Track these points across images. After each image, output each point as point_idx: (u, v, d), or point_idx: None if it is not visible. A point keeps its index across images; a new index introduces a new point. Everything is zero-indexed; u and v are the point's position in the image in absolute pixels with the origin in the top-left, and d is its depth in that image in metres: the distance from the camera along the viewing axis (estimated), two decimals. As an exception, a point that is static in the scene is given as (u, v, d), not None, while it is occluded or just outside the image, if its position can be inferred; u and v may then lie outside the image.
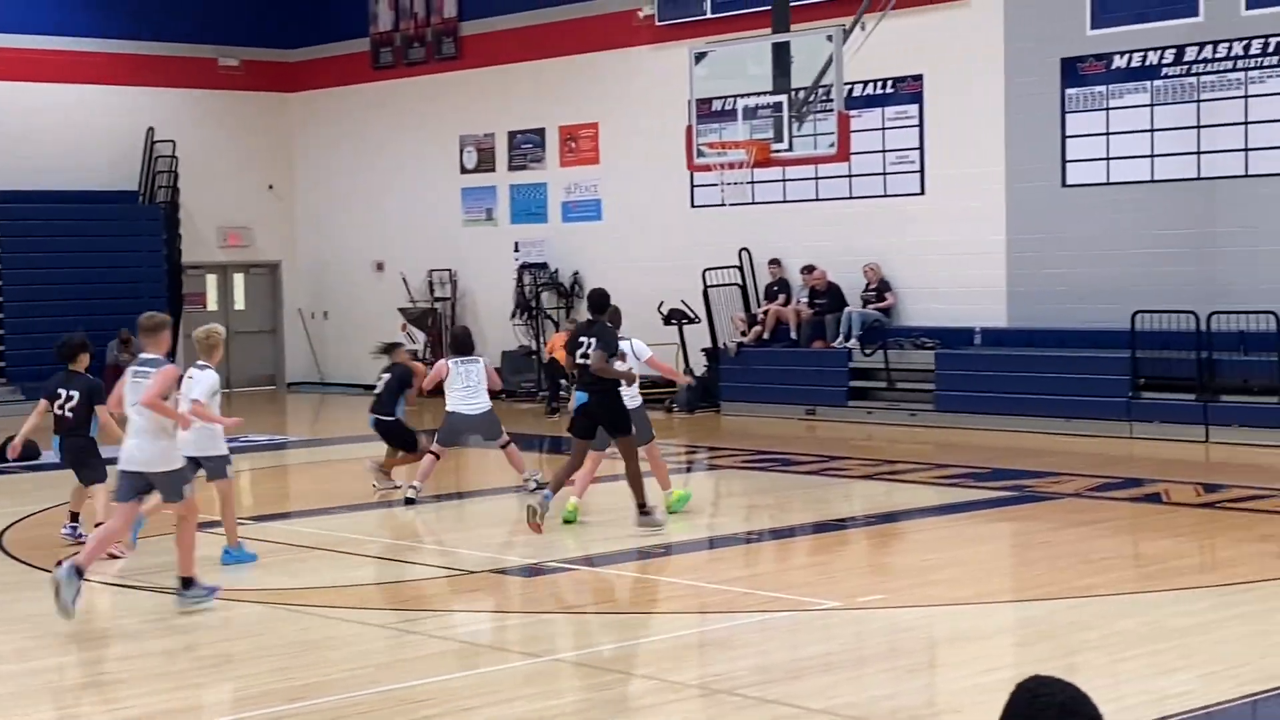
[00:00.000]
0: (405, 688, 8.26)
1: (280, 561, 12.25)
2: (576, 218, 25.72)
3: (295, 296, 30.30)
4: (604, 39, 24.91)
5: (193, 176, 28.51)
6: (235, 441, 20.63)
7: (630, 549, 12.33)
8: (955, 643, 9.37)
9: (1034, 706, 3.25)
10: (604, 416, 12.65)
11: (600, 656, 9.12)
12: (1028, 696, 3.28)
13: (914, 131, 21.45)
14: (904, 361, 20.94)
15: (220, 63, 29.27)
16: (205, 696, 8.23)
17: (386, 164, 28.49)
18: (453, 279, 27.40)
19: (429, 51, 27.58)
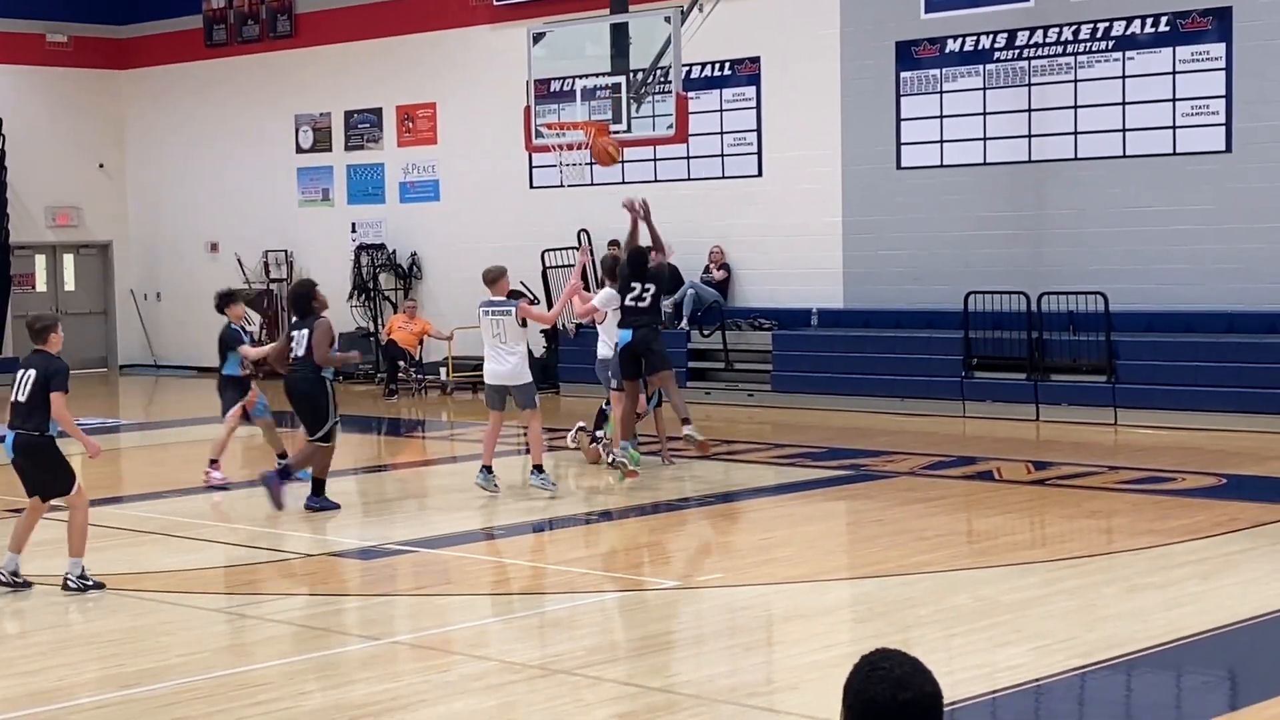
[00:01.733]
0: (242, 672, 8.17)
1: (114, 546, 12.01)
2: (414, 198, 25.53)
3: (127, 277, 29.68)
4: (442, 18, 24.73)
5: (20, 155, 27.79)
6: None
7: (470, 530, 12.30)
8: (792, 620, 9.50)
9: (870, 680, 3.30)
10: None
11: (439, 638, 9.09)
12: (866, 669, 3.33)
13: (751, 114, 21.63)
14: (742, 342, 21.12)
15: (48, 39, 28.52)
16: (34, 684, 8.04)
17: (221, 143, 28.01)
18: (289, 260, 27.05)
19: (263, 29, 27.15)
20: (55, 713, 7.51)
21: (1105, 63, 18.75)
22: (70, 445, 10.34)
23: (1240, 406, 17.11)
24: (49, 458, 9.96)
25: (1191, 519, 11.94)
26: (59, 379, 9.82)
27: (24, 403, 9.86)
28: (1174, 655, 8.35)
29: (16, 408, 9.95)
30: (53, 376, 9.80)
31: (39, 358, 10.00)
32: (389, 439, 19.92)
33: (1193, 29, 18.17)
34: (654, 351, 14.58)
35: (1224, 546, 10.97)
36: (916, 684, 3.29)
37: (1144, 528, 11.75)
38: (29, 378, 9.89)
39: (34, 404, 9.82)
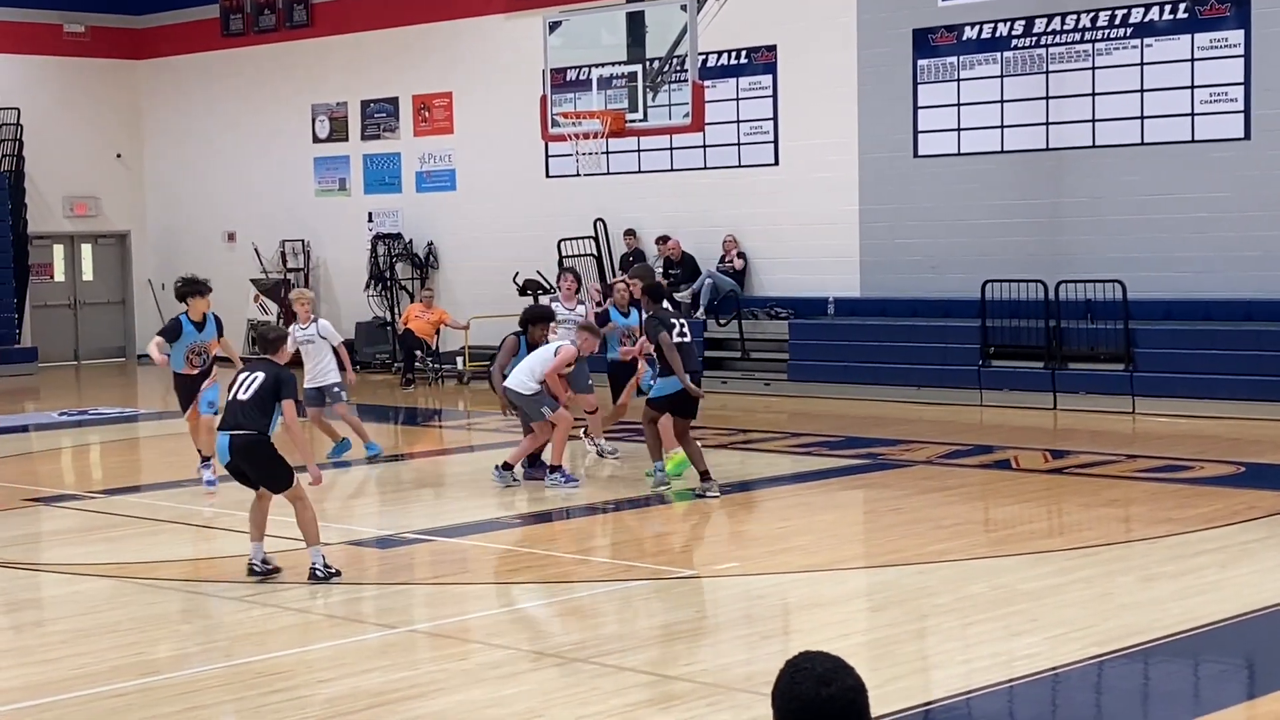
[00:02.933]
0: (260, 660, 8.20)
1: (132, 535, 12.06)
2: (431, 188, 25.54)
3: (145, 267, 29.74)
4: (458, 7, 24.73)
5: (38, 145, 27.87)
6: (85, 414, 20.39)
7: (487, 519, 12.32)
8: (809, 609, 9.50)
9: (795, 680, 3.43)
10: None
11: (457, 627, 9.10)
12: (790, 671, 3.47)
13: (768, 102, 21.60)
14: (758, 331, 21.11)
15: (66, 29, 28.58)
16: (55, 672, 8.08)
17: (238, 133, 28.05)
18: (306, 249, 27.08)
19: (280, 19, 27.17)
20: (74, 700, 7.54)
21: (1123, 50, 18.69)
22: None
23: (1259, 394, 17.06)
24: (267, 455, 10.03)
25: (1209, 507, 11.92)
26: (289, 388, 10.02)
27: (247, 401, 9.99)
28: (1191, 644, 8.33)
29: (239, 407, 10.01)
30: (284, 384, 10.00)
31: (268, 365, 10.24)
32: (406, 428, 19.95)
33: (1211, 15, 18.10)
34: None
35: (1242, 535, 10.94)
36: (839, 679, 3.42)
37: (1161, 516, 11.73)
38: (256, 380, 10.05)
39: (259, 406, 9.95)
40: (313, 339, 14.92)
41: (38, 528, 12.88)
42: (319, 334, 14.99)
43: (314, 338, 14.94)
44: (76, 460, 17.61)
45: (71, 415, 20.48)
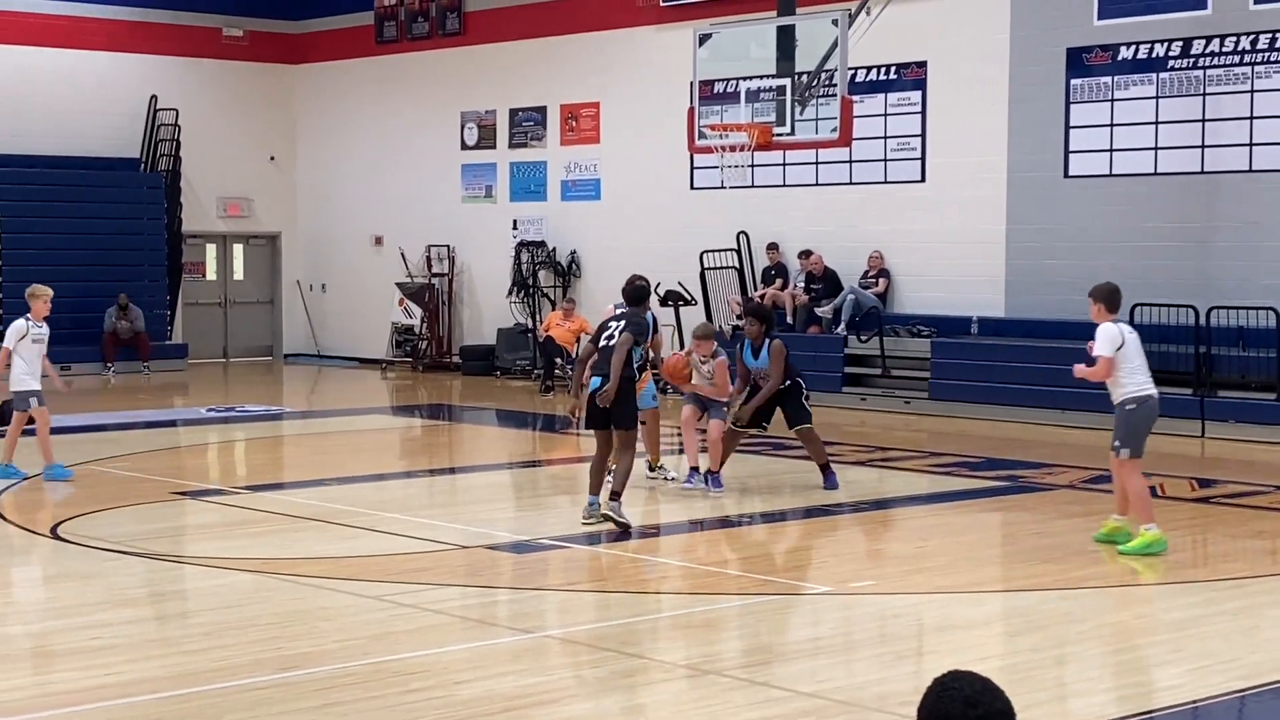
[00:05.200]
0: (396, 660, 8.28)
1: (274, 531, 12.27)
2: (575, 197, 25.70)
3: (294, 268, 30.29)
4: (608, 18, 24.87)
5: (194, 146, 28.49)
6: (232, 411, 20.80)
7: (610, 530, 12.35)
8: (945, 630, 9.39)
9: (941, 700, 3.37)
10: None
11: (589, 634, 9.13)
12: (937, 689, 3.41)
13: (916, 118, 21.44)
14: (900, 349, 20.94)
15: (225, 32, 29.21)
16: (195, 664, 8.23)
17: (388, 138, 28.45)
18: (451, 255, 27.39)
19: (433, 27, 27.53)
20: (213, 693, 7.67)
21: (1283, 73, 18.28)
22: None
23: None
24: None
25: (1363, 543, 11.59)
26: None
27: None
28: (1341, 682, 8.10)
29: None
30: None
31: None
32: (544, 435, 20.07)
33: (1377, 39, 17.64)
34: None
35: (1396, 573, 10.62)
36: (986, 701, 3.36)
37: (1312, 550, 11.44)
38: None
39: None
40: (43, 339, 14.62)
41: (183, 521, 13.14)
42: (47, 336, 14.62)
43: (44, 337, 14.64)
44: (222, 456, 17.95)
45: (219, 411, 20.89)
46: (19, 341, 14.35)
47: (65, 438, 17.65)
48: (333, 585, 10.13)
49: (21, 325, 14.40)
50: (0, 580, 10.39)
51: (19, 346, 14.37)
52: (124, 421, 19.65)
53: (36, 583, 10.19)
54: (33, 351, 14.39)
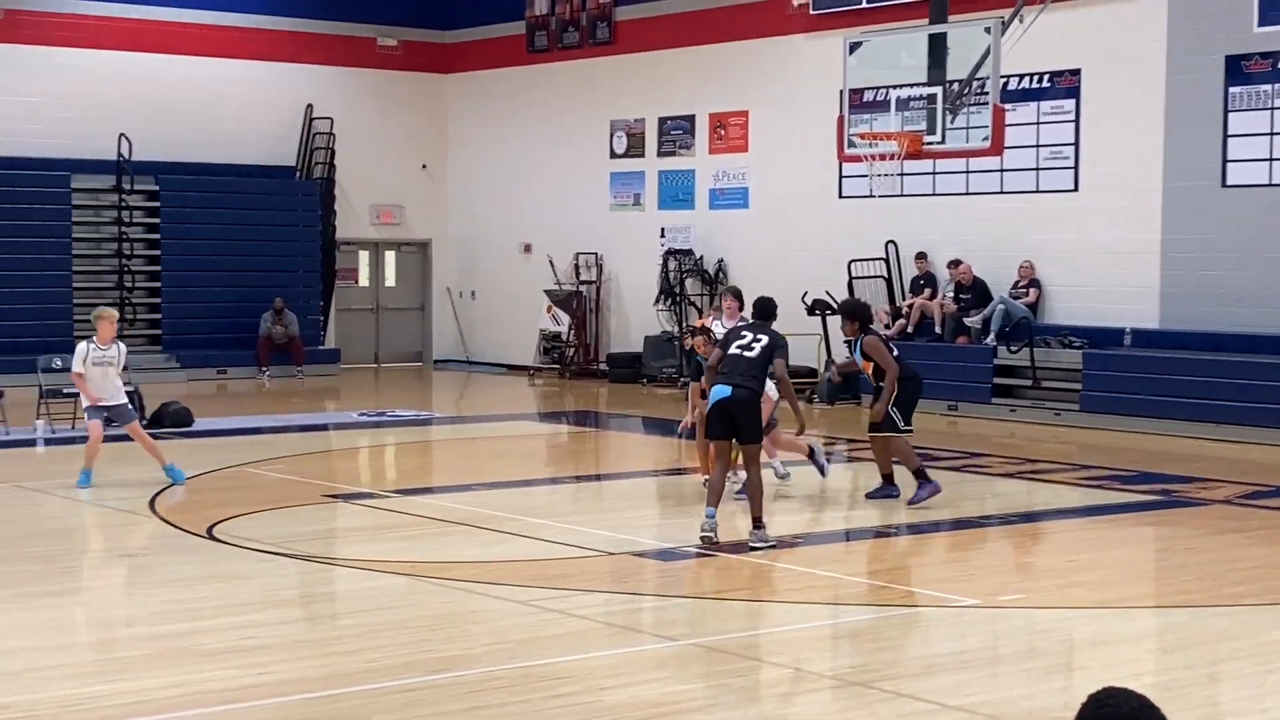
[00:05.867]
0: (544, 664, 8.35)
1: (423, 535, 12.43)
2: (723, 205, 25.71)
3: (444, 275, 30.66)
4: (758, 27, 24.85)
5: (349, 154, 28.97)
6: (382, 415, 21.10)
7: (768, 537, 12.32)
8: (1096, 646, 9.24)
9: (1098, 715, 3.31)
10: None
11: (735, 643, 9.13)
12: (1094, 705, 3.38)
13: (1069, 127, 21.13)
14: (1050, 360, 20.65)
15: (379, 42, 29.69)
16: (347, 665, 8.37)
17: (537, 146, 28.70)
18: (598, 262, 27.54)
19: (583, 36, 27.72)
20: (364, 694, 7.79)
21: None
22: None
23: None
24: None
25: None
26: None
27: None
28: None
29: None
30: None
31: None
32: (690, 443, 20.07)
33: None
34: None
35: None
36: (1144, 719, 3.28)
37: None
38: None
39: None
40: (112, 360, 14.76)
41: (334, 523, 13.36)
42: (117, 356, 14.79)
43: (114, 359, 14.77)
44: (372, 460, 18.22)
45: (369, 416, 21.20)
46: (83, 364, 14.59)
47: (221, 440, 18.07)
48: (481, 589, 10.23)
49: (83, 348, 14.64)
50: (158, 579, 10.65)
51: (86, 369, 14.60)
52: (277, 425, 20.03)
53: (193, 582, 10.41)
54: (95, 373, 14.57)
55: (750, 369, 11.71)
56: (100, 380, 14.58)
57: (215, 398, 23.69)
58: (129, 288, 26.80)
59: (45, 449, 17.58)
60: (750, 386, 11.65)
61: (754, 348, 11.77)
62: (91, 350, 14.58)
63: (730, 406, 11.58)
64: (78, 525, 12.98)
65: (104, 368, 14.62)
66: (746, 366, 11.72)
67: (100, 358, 14.59)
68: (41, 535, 12.41)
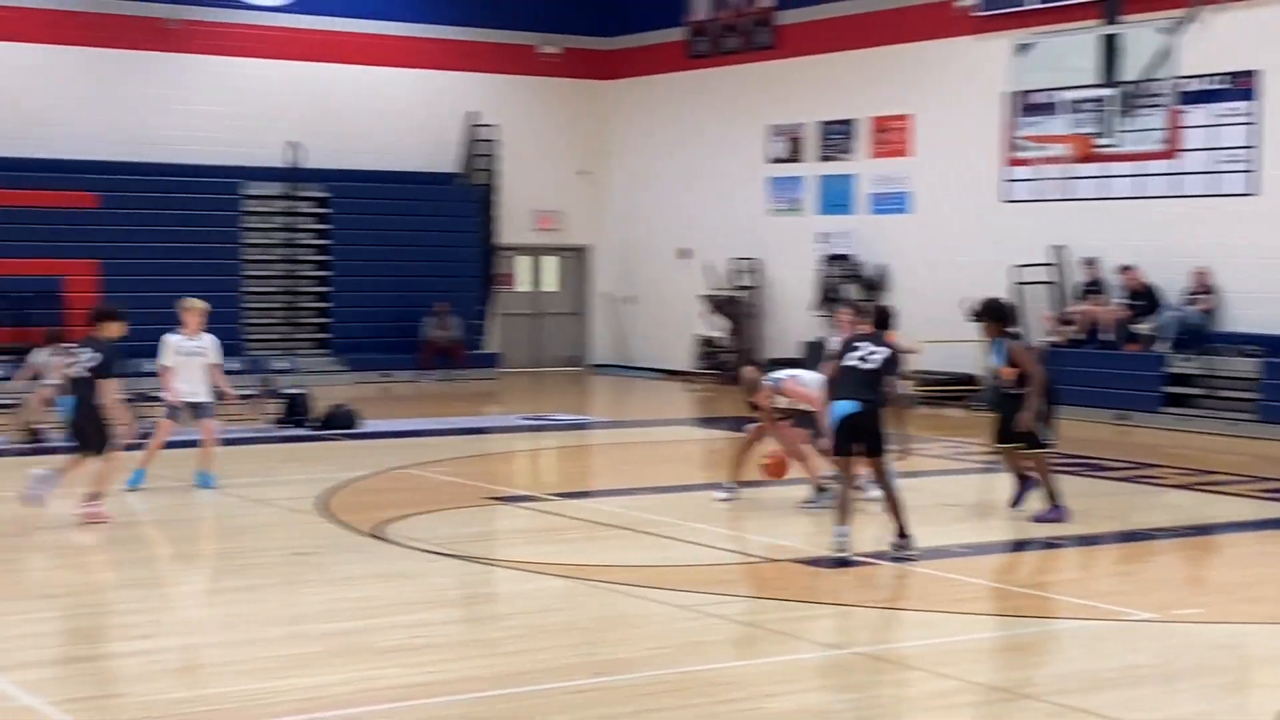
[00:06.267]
0: (707, 670, 8.31)
1: (584, 538, 12.47)
2: (884, 209, 25.47)
3: (603, 280, 30.78)
4: (921, 29, 24.58)
5: (510, 160, 29.21)
6: (541, 419, 21.24)
7: (932, 546, 12.17)
8: (1274, 663, 8.97)
9: None
10: None
11: (900, 653, 9.01)
12: None
13: (1246, 129, 20.57)
14: (1225, 368, 20.14)
15: (541, 50, 29.89)
16: (512, 665, 8.41)
17: (696, 152, 28.69)
18: (757, 268, 27.45)
19: (744, 40, 27.66)
20: (530, 695, 7.82)
21: None
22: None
23: None
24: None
25: None
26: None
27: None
28: None
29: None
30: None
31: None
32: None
33: None
34: None
35: None
36: None
37: None
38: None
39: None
40: (201, 351, 14.68)
41: (496, 525, 13.46)
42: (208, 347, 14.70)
43: (204, 350, 14.69)
44: (532, 463, 18.33)
45: (529, 420, 21.34)
46: (171, 355, 14.49)
47: (385, 442, 18.30)
48: (642, 593, 10.22)
49: (172, 340, 14.58)
50: (328, 578, 10.80)
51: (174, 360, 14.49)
52: (439, 428, 20.23)
53: (362, 581, 10.54)
54: (183, 365, 14.50)
55: (868, 381, 11.39)
56: (187, 374, 14.51)
57: (380, 400, 24.01)
58: (297, 292, 27.29)
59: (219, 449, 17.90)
60: (872, 400, 11.40)
61: (871, 359, 11.49)
62: (180, 342, 14.58)
63: (857, 422, 11.36)
64: (251, 524, 13.21)
65: (191, 359, 14.57)
66: (864, 379, 11.41)
67: (189, 349, 14.57)
68: (217, 533, 12.67)
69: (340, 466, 15.98)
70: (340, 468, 15.86)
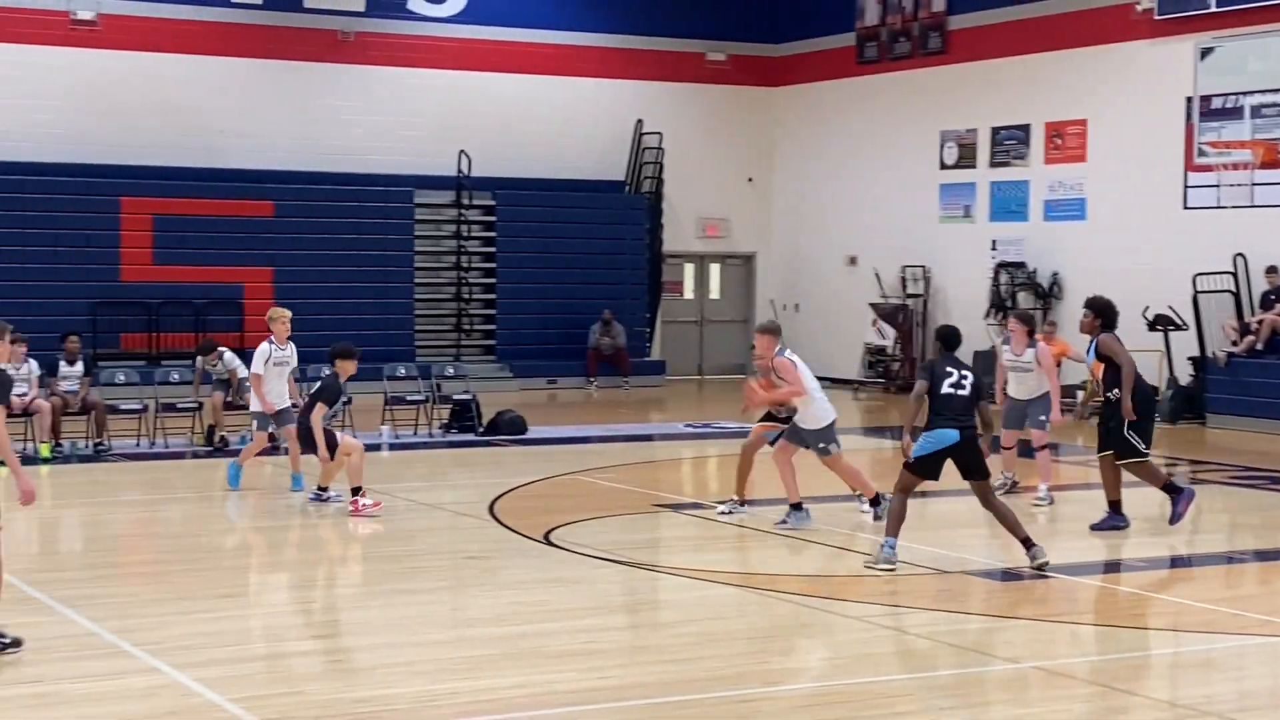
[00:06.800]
0: (880, 681, 8.22)
1: (751, 546, 12.42)
2: (1058, 216, 25.04)
3: (768, 288, 30.68)
4: (1097, 33, 24.11)
5: (676, 168, 29.25)
6: (706, 427, 21.22)
7: (1108, 560, 11.93)
8: None
9: None
10: None
11: (1077, 667, 8.83)
12: None
13: None
14: None
15: (708, 57, 29.90)
16: (683, 673, 8.39)
17: (865, 158, 28.47)
18: (926, 276, 27.16)
19: (914, 46, 27.40)
20: (702, 703, 7.80)
21: None
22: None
23: None
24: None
25: None
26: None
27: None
28: None
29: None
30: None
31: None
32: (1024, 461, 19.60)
33: None
34: None
35: None
36: None
37: None
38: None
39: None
40: (290, 360, 14.79)
41: (663, 533, 13.46)
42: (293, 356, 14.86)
43: (291, 359, 14.80)
44: (697, 470, 18.31)
45: (694, 427, 21.33)
46: (265, 365, 14.65)
47: (552, 448, 18.41)
48: (812, 603, 10.15)
49: (265, 349, 14.67)
50: (501, 582, 10.88)
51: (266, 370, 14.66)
52: (605, 434, 20.32)
53: (533, 585, 10.61)
54: (274, 374, 14.71)
55: (967, 408, 11.32)
56: (275, 383, 14.74)
57: (546, 407, 24.19)
58: (466, 299, 27.61)
59: (390, 454, 18.20)
60: (973, 425, 11.35)
61: (964, 385, 11.36)
62: (273, 351, 14.75)
63: (961, 450, 11.22)
64: (421, 528, 13.36)
65: (281, 368, 14.79)
66: (963, 406, 11.32)
67: (280, 358, 14.77)
68: (389, 537, 12.83)
69: (507, 472, 16.12)
70: (507, 473, 15.99)
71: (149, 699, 7.80)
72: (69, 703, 7.75)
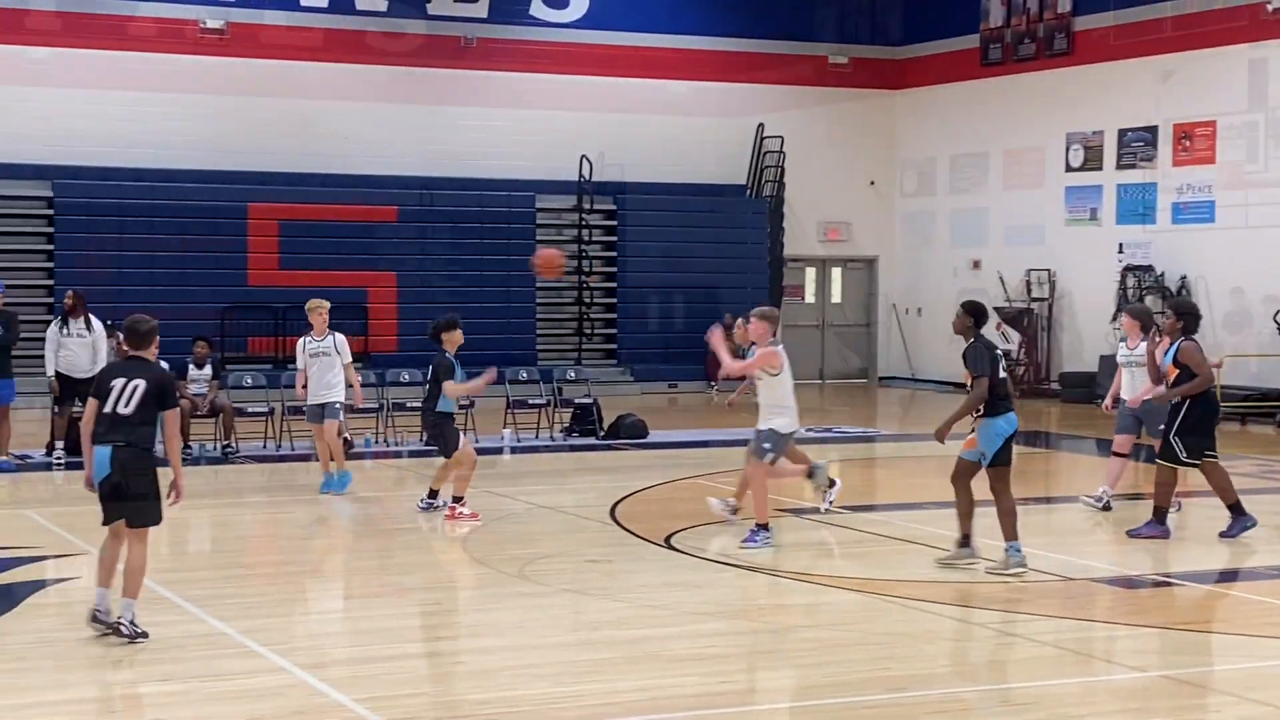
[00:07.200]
0: (1007, 689, 8.14)
1: (873, 552, 12.34)
2: (1187, 219, 24.63)
3: (890, 292, 30.50)
4: (1228, 33, 23.70)
5: (797, 171, 29.15)
6: (828, 431, 21.12)
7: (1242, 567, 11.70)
8: None
9: None
10: None
11: (1207, 677, 8.68)
12: None
13: None
14: None
15: (830, 60, 29.78)
16: (806, 678, 8.37)
17: (988, 161, 28.21)
18: (1050, 279, 26.83)
19: (1039, 47, 27.09)
20: (826, 709, 7.77)
21: None
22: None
23: None
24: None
25: None
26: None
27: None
28: None
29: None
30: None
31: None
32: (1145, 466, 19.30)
33: None
34: None
35: None
36: None
37: None
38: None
39: None
40: (328, 351, 14.71)
41: (784, 537, 13.37)
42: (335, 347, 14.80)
43: (329, 350, 14.72)
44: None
45: (816, 432, 21.23)
46: (302, 356, 14.82)
47: (673, 452, 18.42)
48: (935, 609, 10.07)
49: (301, 341, 14.89)
50: (622, 585, 10.90)
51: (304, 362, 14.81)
52: (726, 439, 20.26)
53: (655, 589, 10.63)
54: (315, 366, 14.71)
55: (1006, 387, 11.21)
56: (318, 374, 14.75)
57: (666, 411, 24.21)
58: (587, 303, 27.73)
59: (511, 457, 18.32)
60: None
61: (1003, 365, 11.27)
62: (308, 342, 14.86)
63: None
64: (543, 530, 13.44)
65: (320, 359, 14.80)
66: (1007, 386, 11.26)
67: (316, 349, 14.83)
68: (511, 540, 12.90)
69: (628, 476, 16.17)
70: (628, 477, 16.04)
71: (277, 698, 7.93)
72: (199, 701, 7.89)
